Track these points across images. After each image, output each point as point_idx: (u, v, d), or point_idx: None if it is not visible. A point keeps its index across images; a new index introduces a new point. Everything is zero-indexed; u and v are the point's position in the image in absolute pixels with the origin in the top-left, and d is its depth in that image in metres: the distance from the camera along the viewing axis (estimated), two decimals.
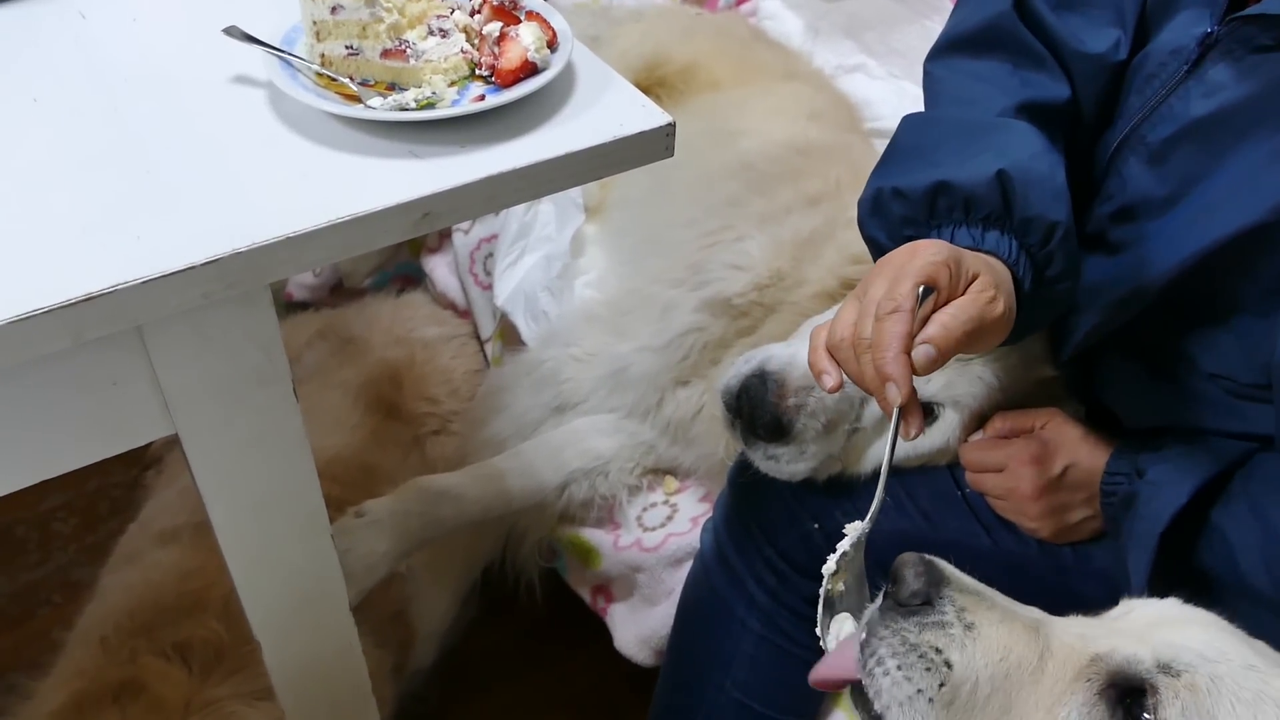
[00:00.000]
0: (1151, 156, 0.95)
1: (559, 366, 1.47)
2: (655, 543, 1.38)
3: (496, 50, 0.88)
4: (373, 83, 0.89)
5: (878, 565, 1.13)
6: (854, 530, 0.80)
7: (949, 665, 0.67)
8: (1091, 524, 1.04)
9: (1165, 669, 0.65)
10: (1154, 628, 0.69)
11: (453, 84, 0.88)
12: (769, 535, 1.17)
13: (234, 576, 0.93)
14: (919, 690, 0.67)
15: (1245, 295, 0.90)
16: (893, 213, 0.93)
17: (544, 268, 1.60)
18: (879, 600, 0.73)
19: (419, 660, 1.49)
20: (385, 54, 0.89)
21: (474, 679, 1.62)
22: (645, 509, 1.44)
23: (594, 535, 1.43)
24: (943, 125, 0.99)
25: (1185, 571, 0.93)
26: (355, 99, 0.86)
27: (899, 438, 0.81)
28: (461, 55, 0.89)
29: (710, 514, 1.29)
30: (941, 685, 0.67)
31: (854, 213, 1.30)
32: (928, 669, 0.67)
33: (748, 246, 1.34)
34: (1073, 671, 0.67)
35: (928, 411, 1.12)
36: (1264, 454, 0.92)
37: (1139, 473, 0.96)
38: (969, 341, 0.82)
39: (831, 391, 0.83)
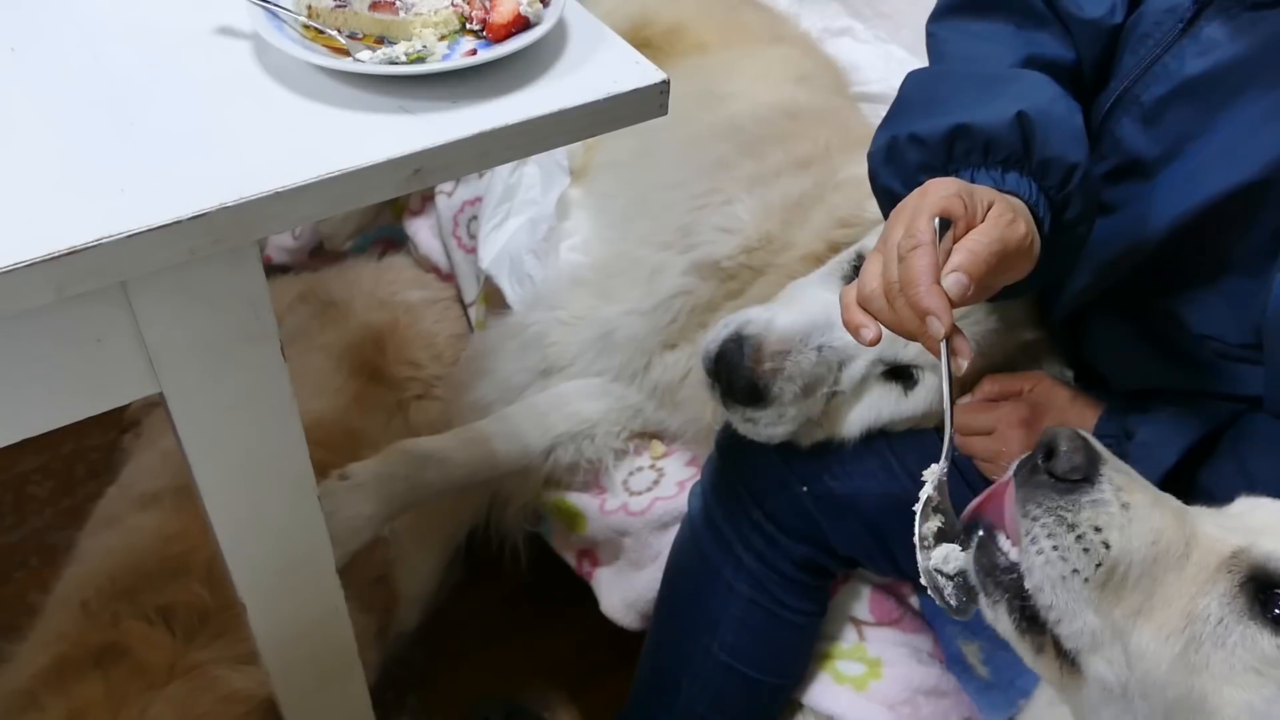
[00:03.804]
0: (1145, 116, 0.95)
1: (545, 329, 1.46)
2: (641, 507, 1.38)
3: (488, 4, 0.86)
4: (361, 36, 0.87)
5: (867, 527, 1.14)
6: (931, 474, 0.79)
7: (1107, 546, 0.66)
8: None
9: None
10: None
11: (443, 38, 0.86)
12: (757, 498, 1.17)
13: (219, 538, 0.92)
14: (1075, 570, 0.66)
15: (1236, 255, 0.90)
16: (909, 160, 0.92)
17: (529, 231, 1.58)
18: (1012, 470, 0.71)
19: (403, 624, 1.49)
20: (374, 6, 0.87)
21: (458, 643, 1.62)
22: (631, 473, 1.43)
23: (580, 499, 1.43)
24: (955, 77, 0.98)
25: None
26: (343, 52, 0.84)
27: (952, 372, 0.79)
28: (452, 9, 0.87)
29: (697, 478, 1.29)
30: (1099, 566, 0.66)
31: (843, 175, 1.30)
32: (1085, 550, 0.66)
33: (736, 210, 1.33)
34: (1216, 561, 0.66)
35: (907, 376, 1.12)
36: (1252, 414, 0.93)
37: (1128, 434, 0.96)
38: (997, 266, 0.80)
39: (872, 344, 0.82)
